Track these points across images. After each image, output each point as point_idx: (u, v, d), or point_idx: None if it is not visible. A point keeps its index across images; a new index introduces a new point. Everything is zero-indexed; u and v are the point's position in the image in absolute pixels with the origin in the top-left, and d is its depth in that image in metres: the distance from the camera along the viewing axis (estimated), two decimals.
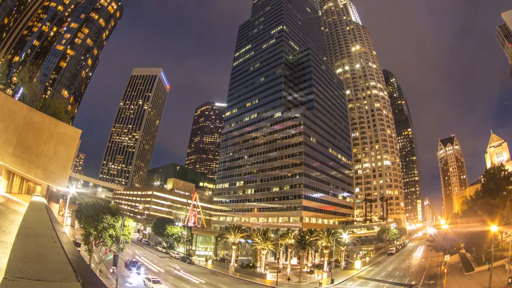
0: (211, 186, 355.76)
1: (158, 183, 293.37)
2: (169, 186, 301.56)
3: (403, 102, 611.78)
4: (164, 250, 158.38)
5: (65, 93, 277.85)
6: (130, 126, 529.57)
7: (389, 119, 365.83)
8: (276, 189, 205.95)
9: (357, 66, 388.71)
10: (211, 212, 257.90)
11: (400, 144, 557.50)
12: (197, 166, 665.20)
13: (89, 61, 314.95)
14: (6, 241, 15.22)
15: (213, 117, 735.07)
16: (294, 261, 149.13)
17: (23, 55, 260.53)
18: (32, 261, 7.49)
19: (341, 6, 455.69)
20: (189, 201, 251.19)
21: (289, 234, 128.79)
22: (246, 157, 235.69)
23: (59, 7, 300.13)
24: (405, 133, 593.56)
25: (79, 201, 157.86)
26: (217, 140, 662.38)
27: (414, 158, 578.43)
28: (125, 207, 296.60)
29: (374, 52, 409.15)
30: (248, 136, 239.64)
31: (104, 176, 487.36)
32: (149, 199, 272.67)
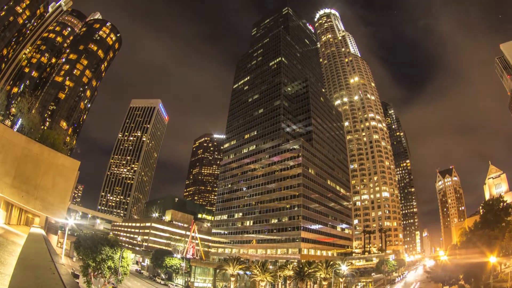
0: (209, 217, 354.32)
1: (157, 214, 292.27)
2: (167, 218, 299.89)
3: (401, 134, 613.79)
4: (162, 282, 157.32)
5: (64, 124, 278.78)
6: (128, 157, 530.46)
7: (387, 150, 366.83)
8: (274, 220, 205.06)
9: (356, 97, 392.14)
10: (210, 244, 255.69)
11: (399, 175, 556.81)
12: (196, 197, 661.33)
13: (88, 92, 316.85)
14: (5, 272, 15.96)
15: (211, 149, 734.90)
16: None
17: (22, 86, 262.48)
18: None
19: (340, 38, 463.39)
20: (188, 233, 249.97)
21: (288, 266, 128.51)
22: (244, 188, 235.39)
23: (58, 38, 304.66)
24: (404, 164, 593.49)
25: (78, 233, 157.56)
26: (216, 172, 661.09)
27: (412, 189, 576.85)
28: (124, 238, 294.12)
29: (373, 84, 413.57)
30: (246, 168, 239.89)
31: (102, 208, 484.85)
32: (147, 230, 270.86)
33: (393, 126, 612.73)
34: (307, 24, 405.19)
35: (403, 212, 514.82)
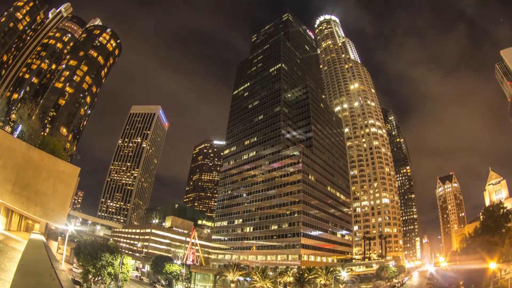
0: (209, 224, 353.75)
1: (157, 221, 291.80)
2: (167, 224, 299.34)
3: (401, 140, 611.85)
4: None
5: (64, 130, 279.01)
6: (128, 164, 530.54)
7: (387, 157, 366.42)
8: (274, 227, 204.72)
9: (356, 104, 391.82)
10: (210, 250, 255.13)
11: (399, 182, 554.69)
12: (196, 204, 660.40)
13: (88, 99, 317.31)
14: (5, 278, 16.13)
15: (211, 155, 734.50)
16: None
17: (22, 92, 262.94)
18: None
19: (340, 44, 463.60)
20: (188, 239, 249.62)
21: (288, 272, 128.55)
22: (244, 195, 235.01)
23: (58, 45, 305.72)
24: (404, 170, 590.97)
25: (78, 239, 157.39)
26: (216, 178, 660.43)
27: (412, 196, 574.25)
28: (124, 245, 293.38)
29: (373, 90, 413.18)
30: (246, 174, 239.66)
31: (102, 214, 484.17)
32: (147, 237, 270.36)
33: (393, 133, 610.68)
34: (307, 30, 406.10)
35: (403, 218, 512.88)
